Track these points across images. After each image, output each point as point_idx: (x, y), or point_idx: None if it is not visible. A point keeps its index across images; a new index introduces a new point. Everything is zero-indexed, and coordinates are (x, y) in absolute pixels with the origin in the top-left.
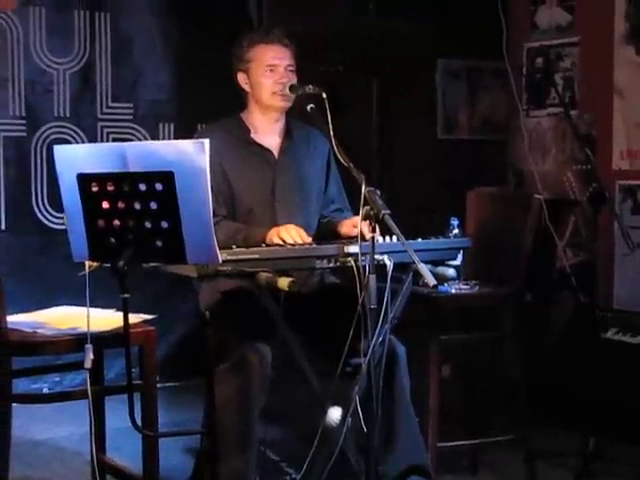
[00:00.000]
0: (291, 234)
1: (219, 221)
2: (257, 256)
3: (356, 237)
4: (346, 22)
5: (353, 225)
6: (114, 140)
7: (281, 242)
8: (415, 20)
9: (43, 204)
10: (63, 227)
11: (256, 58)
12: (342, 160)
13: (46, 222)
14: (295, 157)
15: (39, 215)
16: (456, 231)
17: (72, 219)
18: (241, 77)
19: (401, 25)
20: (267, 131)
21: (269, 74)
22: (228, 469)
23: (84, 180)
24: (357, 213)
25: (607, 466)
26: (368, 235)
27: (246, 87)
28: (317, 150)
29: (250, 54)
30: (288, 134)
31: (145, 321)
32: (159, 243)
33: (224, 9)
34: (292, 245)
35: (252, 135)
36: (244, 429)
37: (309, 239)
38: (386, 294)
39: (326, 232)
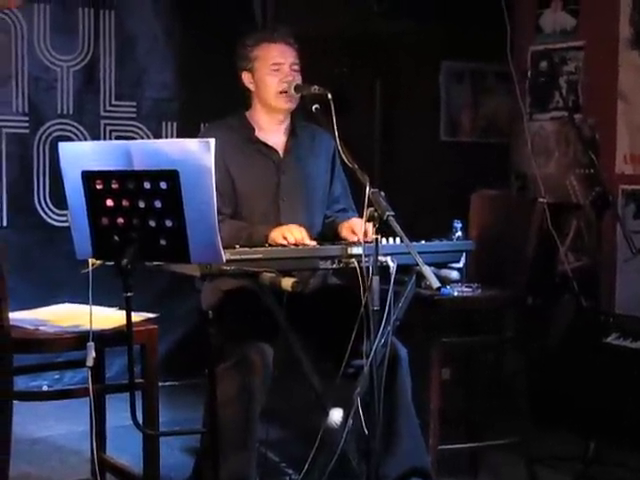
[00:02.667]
0: (294, 234)
1: (223, 219)
2: (260, 256)
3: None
4: (350, 23)
5: (352, 230)
6: (117, 138)
7: (284, 241)
8: (420, 22)
9: (45, 201)
10: (65, 224)
11: (261, 57)
12: (347, 161)
13: (48, 219)
14: (300, 156)
15: (41, 212)
16: (459, 234)
17: (76, 216)
18: (246, 76)
19: (405, 27)
20: (272, 130)
21: (274, 73)
22: (228, 468)
23: (89, 177)
24: (361, 215)
25: (607, 470)
26: (369, 237)
27: (251, 86)
28: (322, 149)
29: (255, 53)
30: (293, 133)
31: (147, 319)
32: (163, 242)
33: (228, 9)
34: (295, 245)
35: (257, 134)
36: (245, 428)
37: (311, 241)
38: (389, 296)
39: (328, 233)
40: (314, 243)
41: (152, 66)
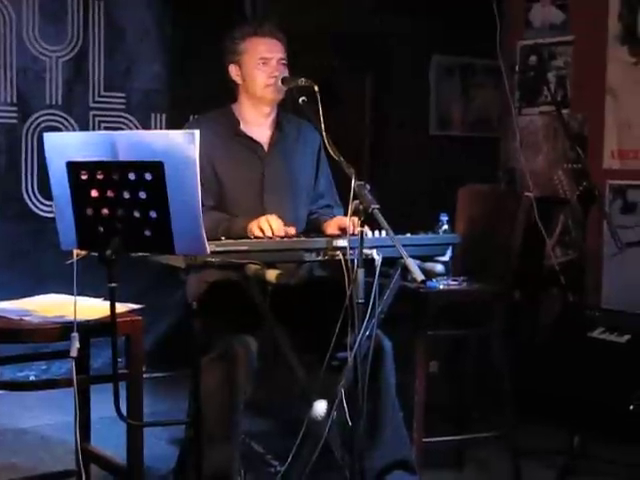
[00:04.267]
0: (271, 223)
1: (205, 211)
2: (245, 248)
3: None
4: (341, 17)
5: (338, 226)
6: (106, 129)
7: (260, 233)
8: (410, 16)
9: (33, 191)
10: (52, 215)
11: (248, 50)
12: (333, 154)
13: (35, 210)
14: (285, 151)
15: (29, 202)
16: (445, 227)
17: (61, 207)
18: (233, 69)
19: (396, 21)
20: (257, 124)
21: (262, 67)
22: (212, 459)
23: (73, 168)
24: (347, 208)
25: (591, 464)
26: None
27: (237, 79)
28: (307, 144)
29: (242, 46)
30: (279, 127)
31: (132, 310)
32: (147, 233)
33: (218, 1)
34: (281, 237)
35: (242, 127)
36: (229, 419)
37: (289, 230)
38: (374, 288)
39: (313, 230)
40: (292, 230)
41: (142, 57)
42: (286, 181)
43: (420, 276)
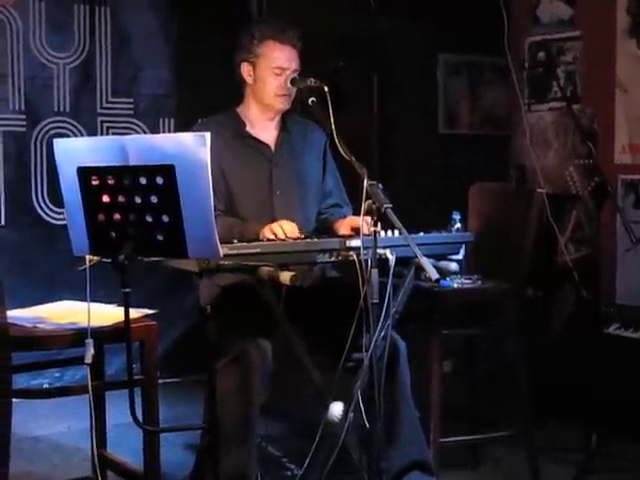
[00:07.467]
0: (284, 229)
1: (217, 216)
2: (258, 250)
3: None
4: (347, 16)
5: (351, 227)
6: (114, 135)
7: (273, 236)
8: (416, 14)
9: (43, 199)
10: (63, 222)
11: (266, 55)
12: (344, 154)
13: (46, 217)
14: (292, 151)
15: (39, 210)
16: (458, 225)
17: (72, 213)
18: (245, 68)
19: (402, 19)
20: (263, 125)
21: (276, 76)
22: (229, 464)
23: (84, 174)
24: (358, 207)
25: (609, 461)
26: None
27: (249, 79)
28: (313, 143)
29: (260, 48)
30: (284, 128)
31: (146, 316)
32: (160, 237)
33: (225, 4)
34: (294, 239)
35: (248, 129)
36: (245, 423)
37: (300, 235)
38: (388, 288)
39: (323, 231)
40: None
41: (149, 62)
42: (294, 181)
43: (435, 275)
